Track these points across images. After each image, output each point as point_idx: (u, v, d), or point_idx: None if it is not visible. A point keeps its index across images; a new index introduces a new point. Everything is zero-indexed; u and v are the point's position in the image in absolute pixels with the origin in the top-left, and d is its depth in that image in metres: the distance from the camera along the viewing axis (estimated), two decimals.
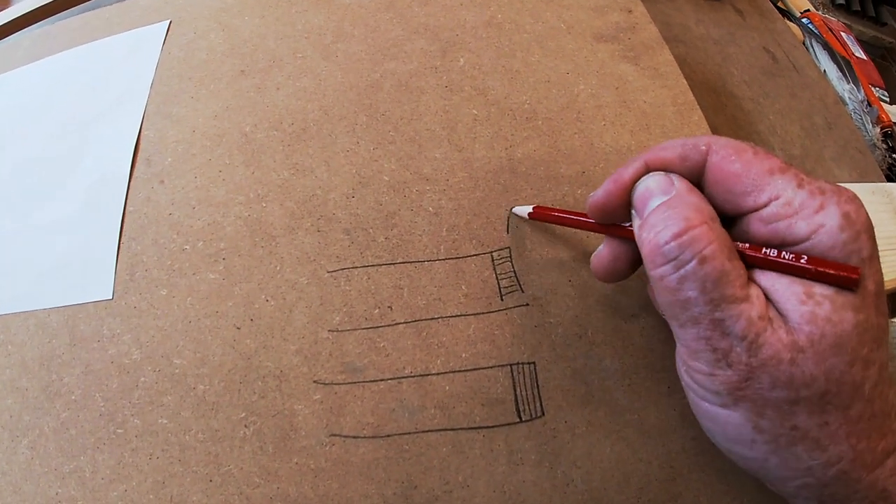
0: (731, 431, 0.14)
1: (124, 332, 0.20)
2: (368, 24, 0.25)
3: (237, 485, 0.18)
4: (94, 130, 0.24)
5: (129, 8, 0.28)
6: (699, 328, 0.13)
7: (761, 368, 0.13)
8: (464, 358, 0.19)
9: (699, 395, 0.15)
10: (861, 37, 0.64)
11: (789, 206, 0.13)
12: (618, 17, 0.26)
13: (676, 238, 0.13)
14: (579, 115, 0.23)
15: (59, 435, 0.19)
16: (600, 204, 0.16)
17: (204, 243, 0.21)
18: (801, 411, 0.13)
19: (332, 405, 0.18)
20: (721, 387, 0.14)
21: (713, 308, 0.13)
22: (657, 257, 0.14)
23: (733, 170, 0.14)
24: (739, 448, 0.14)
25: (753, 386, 0.13)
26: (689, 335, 0.14)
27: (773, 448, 0.14)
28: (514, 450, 0.18)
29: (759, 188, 0.14)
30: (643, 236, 0.14)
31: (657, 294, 0.14)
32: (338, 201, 0.21)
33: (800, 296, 0.13)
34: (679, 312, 0.14)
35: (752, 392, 0.13)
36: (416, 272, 0.20)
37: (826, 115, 0.37)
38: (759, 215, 0.14)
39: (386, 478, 0.18)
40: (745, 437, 0.14)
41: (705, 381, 0.14)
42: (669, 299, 0.14)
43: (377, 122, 0.23)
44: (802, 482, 0.14)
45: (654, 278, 0.14)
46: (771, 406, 0.13)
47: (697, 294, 0.13)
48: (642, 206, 0.15)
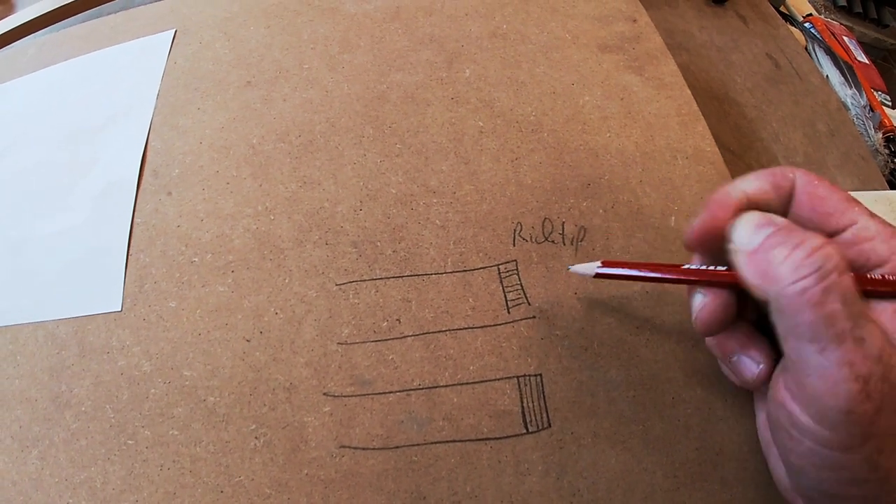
0: (846, 475, 0.14)
1: (134, 343, 0.20)
2: (374, 34, 0.25)
3: (248, 496, 0.18)
4: (101, 140, 0.24)
5: (134, 16, 0.28)
6: (842, 350, 0.13)
7: (892, 394, 0.13)
8: (471, 370, 0.19)
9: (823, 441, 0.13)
10: (863, 39, 0.64)
11: (868, 231, 0.15)
12: (622, 27, 0.26)
13: (817, 251, 0.13)
14: (584, 126, 0.23)
15: (69, 445, 0.19)
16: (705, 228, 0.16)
17: (213, 256, 0.21)
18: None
19: (342, 417, 0.19)
20: (856, 426, 0.13)
21: (855, 324, 0.13)
22: (799, 270, 0.13)
23: (820, 193, 0.15)
24: (848, 489, 0.14)
25: (883, 418, 0.13)
26: (831, 360, 0.13)
27: (883, 484, 0.13)
28: (520, 460, 0.18)
29: (842, 212, 0.15)
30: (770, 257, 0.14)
31: (795, 313, 0.13)
32: (345, 214, 0.21)
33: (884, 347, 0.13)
34: (823, 331, 0.13)
35: (882, 425, 0.13)
36: (423, 285, 0.20)
37: (829, 122, 0.37)
38: (843, 238, 0.15)
39: (395, 489, 0.18)
40: (860, 478, 0.13)
41: (841, 422, 0.13)
42: (813, 315, 0.13)
43: (384, 135, 0.23)
44: None
45: (789, 296, 0.13)
46: (891, 438, 0.13)
47: (841, 307, 0.13)
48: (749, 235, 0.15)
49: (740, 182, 0.16)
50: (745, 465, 0.19)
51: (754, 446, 0.19)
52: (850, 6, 0.65)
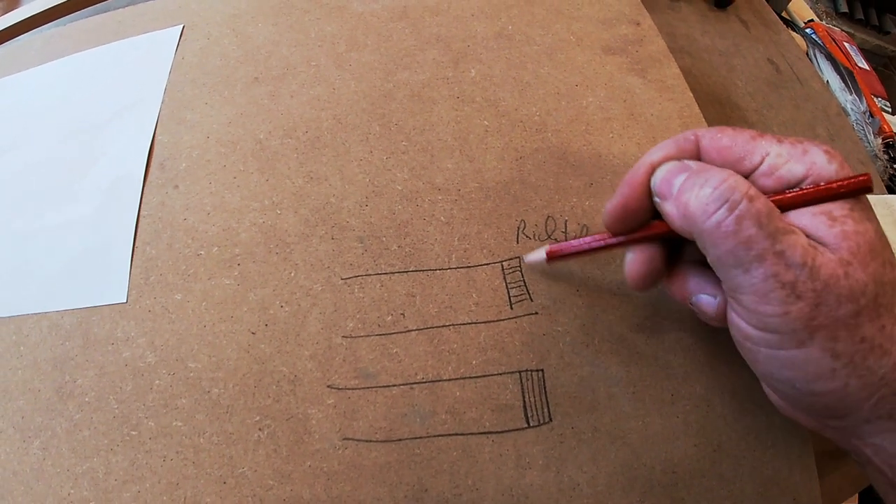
0: (811, 369, 0.15)
1: (139, 335, 0.21)
2: (381, 33, 0.26)
3: (251, 487, 0.19)
4: (108, 133, 0.25)
5: (141, 11, 0.28)
6: (765, 266, 0.14)
7: (825, 290, 0.14)
8: (474, 365, 0.20)
9: (773, 344, 0.15)
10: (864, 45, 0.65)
11: (780, 157, 0.16)
12: (626, 29, 0.27)
13: (722, 184, 0.15)
14: (588, 127, 0.24)
15: (71, 436, 0.20)
16: (619, 209, 0.17)
17: (219, 249, 0.22)
18: (864, 321, 0.14)
19: (346, 409, 0.19)
20: (796, 322, 0.14)
21: (773, 241, 0.14)
22: (709, 206, 0.15)
23: (724, 143, 0.16)
24: (822, 384, 0.15)
25: (823, 311, 0.14)
26: (756, 277, 0.14)
27: (851, 369, 0.15)
28: (522, 454, 0.19)
29: (751, 151, 0.16)
30: (684, 199, 0.15)
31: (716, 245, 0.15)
32: (351, 210, 0.22)
33: (825, 221, 0.15)
34: (744, 255, 0.14)
35: (824, 317, 0.14)
36: (428, 280, 0.21)
37: (828, 127, 0.38)
38: (760, 171, 0.16)
39: (398, 481, 0.18)
40: (826, 370, 0.15)
41: (780, 324, 0.15)
42: (732, 244, 0.14)
43: (390, 132, 0.23)
44: (877, 397, 0.15)
45: (709, 230, 0.15)
46: (842, 325, 0.14)
47: (756, 230, 0.14)
48: (667, 186, 0.16)
49: (646, 156, 0.17)
50: (742, 462, 0.19)
51: (752, 443, 0.20)
52: (852, 12, 0.67)
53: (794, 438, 0.20)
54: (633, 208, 0.17)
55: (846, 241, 0.14)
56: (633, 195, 0.17)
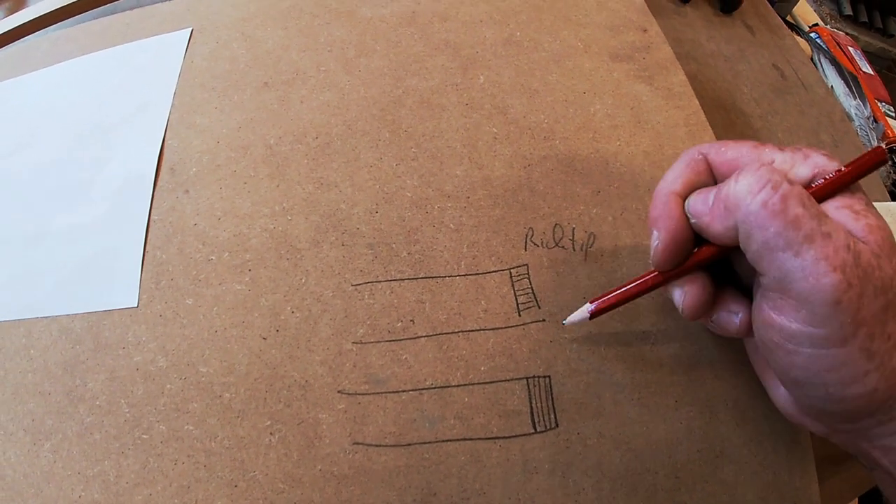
0: (847, 372, 0.15)
1: (150, 339, 0.21)
2: (390, 39, 0.26)
3: (262, 490, 0.19)
4: (118, 136, 0.25)
5: (150, 14, 0.29)
6: (815, 247, 0.14)
7: (865, 278, 0.14)
8: (482, 371, 0.20)
9: (818, 340, 0.15)
10: (868, 48, 0.66)
11: (785, 163, 0.16)
12: (633, 36, 0.28)
13: (760, 169, 0.15)
14: (595, 134, 0.24)
15: (82, 439, 0.20)
16: (669, 248, 0.17)
17: (230, 254, 0.22)
18: (890, 316, 0.14)
19: (356, 414, 0.20)
20: (845, 314, 0.14)
21: (819, 222, 0.14)
22: (753, 186, 0.15)
23: (730, 156, 0.17)
24: (854, 388, 0.15)
25: (865, 302, 0.14)
26: (808, 260, 0.14)
27: (881, 372, 0.14)
28: (528, 459, 0.19)
29: (755, 159, 0.16)
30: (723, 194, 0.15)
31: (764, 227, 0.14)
32: (361, 216, 0.22)
33: (850, 215, 0.15)
34: (793, 235, 0.14)
35: (866, 310, 0.14)
36: (437, 287, 0.21)
37: (833, 133, 0.38)
38: None
39: (406, 485, 0.19)
40: (860, 372, 0.14)
41: (831, 315, 0.14)
42: (780, 224, 0.14)
43: (400, 139, 0.24)
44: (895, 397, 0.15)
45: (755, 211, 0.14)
46: (877, 321, 0.14)
47: (802, 210, 0.14)
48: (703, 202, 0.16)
49: (667, 186, 0.17)
50: (745, 468, 0.20)
51: (755, 448, 0.20)
52: (856, 15, 0.67)
53: (795, 444, 0.20)
54: (683, 240, 0.17)
55: (873, 234, 0.15)
56: (678, 228, 0.17)
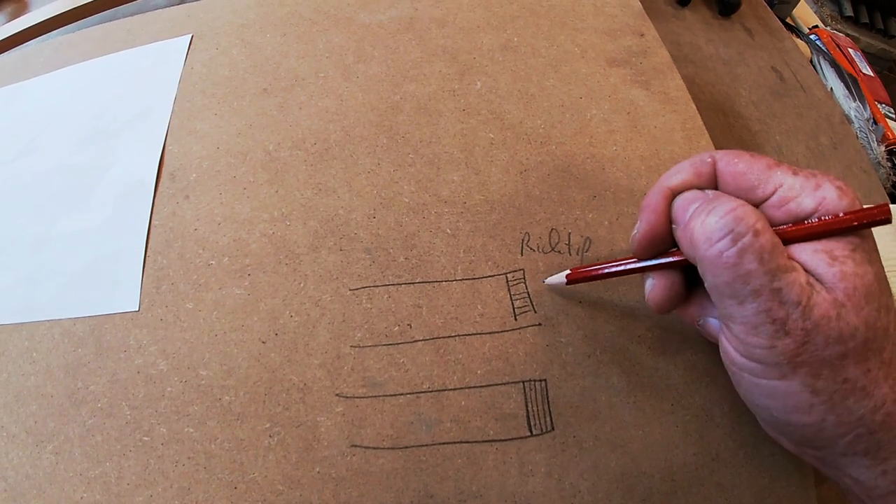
0: (790, 402, 0.16)
1: (151, 343, 0.22)
2: (388, 45, 0.27)
3: (261, 492, 0.19)
4: (119, 142, 0.25)
5: (150, 20, 0.29)
6: (760, 301, 0.15)
7: (815, 330, 0.15)
8: (479, 374, 0.21)
9: (756, 373, 0.16)
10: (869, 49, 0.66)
11: (793, 190, 0.16)
12: (630, 41, 0.28)
13: (729, 213, 0.15)
14: (591, 139, 0.25)
15: (84, 441, 0.21)
16: (646, 238, 0.18)
17: (229, 259, 0.22)
18: (850, 363, 0.15)
19: (354, 417, 0.20)
20: (780, 357, 0.15)
21: (772, 278, 0.14)
22: (714, 234, 0.15)
23: (739, 169, 0.17)
24: (798, 416, 0.16)
25: (809, 349, 0.15)
26: (749, 311, 0.15)
27: (829, 407, 0.15)
28: (525, 462, 0.20)
29: (765, 181, 0.16)
30: (692, 225, 0.16)
31: (715, 275, 0.15)
32: (359, 221, 0.23)
33: (826, 260, 0.15)
34: (740, 288, 0.15)
35: (809, 355, 0.15)
36: (434, 292, 0.22)
37: (832, 135, 0.39)
38: (771, 203, 0.16)
39: (404, 487, 0.19)
40: (804, 404, 0.15)
41: (765, 356, 0.15)
42: (730, 276, 0.15)
43: (397, 144, 0.24)
44: (854, 434, 0.15)
45: (710, 259, 0.15)
46: (826, 365, 0.15)
47: (757, 265, 0.14)
48: (683, 212, 0.17)
49: (665, 180, 0.18)
50: (741, 471, 0.20)
51: (750, 452, 0.21)
52: (857, 17, 0.67)
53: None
54: (660, 235, 0.18)
55: (843, 281, 0.15)
56: (658, 222, 0.17)
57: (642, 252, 0.18)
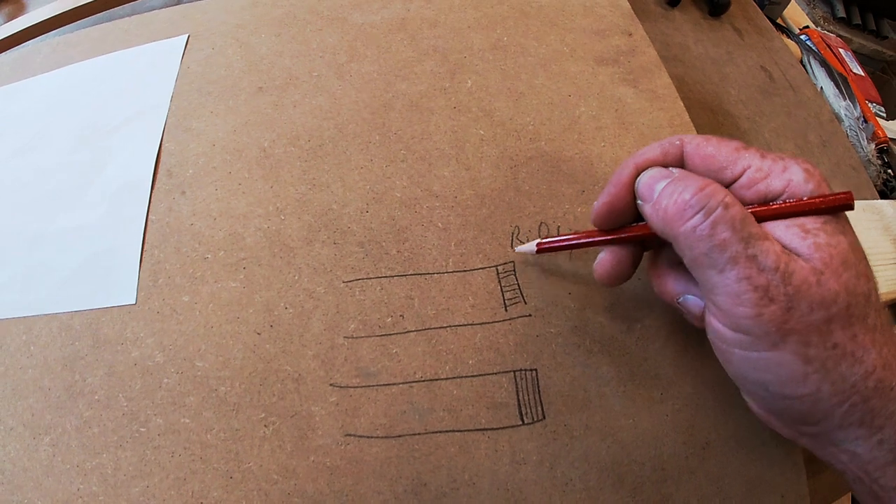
0: (784, 372, 0.16)
1: (147, 335, 0.22)
2: (381, 45, 0.28)
3: (256, 481, 0.20)
4: (117, 140, 0.26)
5: (147, 21, 0.30)
6: (738, 268, 0.15)
7: (797, 295, 0.15)
8: (470, 364, 0.21)
9: (746, 345, 0.16)
10: (861, 50, 0.67)
11: (761, 171, 0.17)
12: (618, 40, 0.29)
13: (700, 191, 0.16)
14: (580, 136, 0.26)
15: (81, 433, 0.21)
16: (605, 208, 0.19)
17: (225, 253, 0.23)
18: (836, 328, 0.15)
19: (347, 407, 0.21)
20: (769, 325, 0.15)
21: (746, 245, 0.15)
22: (686, 211, 0.16)
23: (707, 152, 0.18)
24: (794, 388, 0.16)
25: (795, 315, 0.15)
26: (730, 278, 0.15)
27: (823, 375, 0.15)
28: (516, 450, 0.20)
29: (733, 162, 0.17)
30: (663, 204, 0.17)
31: (691, 248, 0.16)
32: (352, 216, 0.23)
33: (799, 234, 0.16)
34: (718, 256, 0.15)
35: (796, 322, 0.15)
36: (426, 283, 0.22)
37: (820, 133, 0.40)
38: (739, 184, 0.17)
39: (397, 475, 0.20)
40: (798, 374, 0.16)
41: (753, 326, 0.15)
42: (706, 247, 0.15)
43: (389, 141, 0.25)
44: (850, 404, 0.16)
45: (685, 233, 0.16)
46: (813, 331, 0.15)
47: (730, 234, 0.15)
48: (649, 190, 0.17)
49: (632, 158, 0.19)
50: (730, 460, 0.21)
51: (740, 441, 0.21)
52: (849, 17, 0.69)
53: (782, 438, 0.21)
54: (619, 208, 0.19)
55: (819, 251, 0.15)
56: (619, 195, 0.18)
57: (600, 222, 0.19)
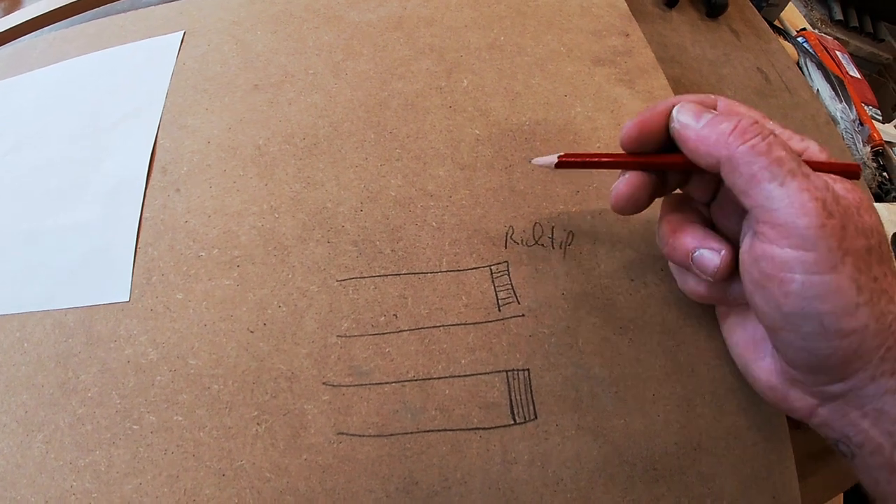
0: (840, 302, 0.16)
1: (140, 333, 0.22)
2: (377, 43, 0.28)
3: (249, 479, 0.20)
4: (112, 136, 0.26)
5: (143, 17, 0.30)
6: (798, 180, 0.16)
7: (846, 216, 0.16)
8: (463, 364, 0.21)
9: (810, 267, 0.16)
10: (858, 53, 0.68)
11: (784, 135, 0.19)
12: (615, 41, 0.29)
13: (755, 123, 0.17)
14: (576, 136, 0.26)
15: (74, 430, 0.21)
16: (635, 129, 0.19)
17: (219, 251, 0.23)
18: (874, 260, 0.16)
19: (340, 405, 0.21)
20: (831, 238, 0.16)
21: (799, 164, 0.16)
22: (746, 132, 0.17)
23: (740, 111, 0.19)
24: (847, 321, 0.16)
25: (849, 235, 0.16)
26: (792, 188, 0.16)
27: (871, 309, 0.16)
28: (508, 450, 0.20)
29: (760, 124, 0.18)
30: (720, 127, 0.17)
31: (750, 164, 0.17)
32: (347, 214, 0.23)
33: (829, 179, 0.17)
34: (777, 170, 0.16)
35: (849, 242, 0.16)
36: (419, 283, 0.22)
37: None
38: None
39: (389, 474, 0.20)
40: (852, 304, 0.16)
41: (818, 238, 0.16)
42: (766, 161, 0.16)
43: (385, 140, 0.25)
44: (885, 348, 0.16)
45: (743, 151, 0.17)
46: (861, 257, 0.16)
47: (786, 153, 0.16)
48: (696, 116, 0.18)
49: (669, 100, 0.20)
50: (722, 460, 0.21)
51: (732, 442, 0.21)
52: (847, 20, 0.69)
53: (774, 438, 0.21)
54: (650, 131, 0.19)
55: (850, 193, 0.17)
56: (652, 119, 0.19)
57: (629, 143, 0.19)
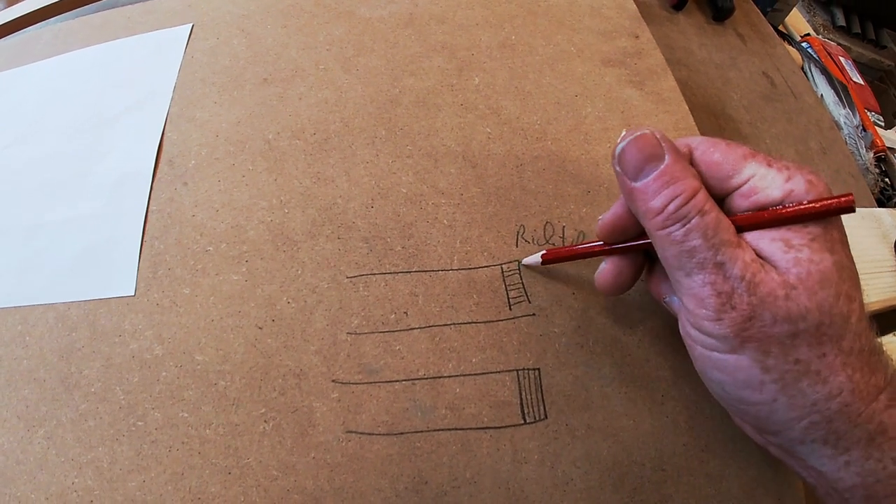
0: (740, 376, 0.16)
1: (146, 327, 0.22)
2: (388, 39, 0.28)
3: (255, 477, 0.20)
4: (118, 128, 0.26)
5: (151, 8, 0.30)
6: (704, 273, 0.16)
7: (761, 306, 0.15)
8: (474, 362, 0.21)
9: (707, 345, 0.17)
10: (860, 59, 0.68)
11: (763, 180, 0.17)
12: (625, 42, 0.29)
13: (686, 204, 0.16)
14: (586, 136, 0.26)
15: (76, 426, 0.21)
16: (608, 225, 0.19)
17: (227, 245, 0.23)
18: (802, 344, 0.15)
19: (349, 403, 0.20)
20: (728, 329, 0.16)
21: (715, 252, 0.16)
22: (668, 219, 0.16)
23: (714, 159, 0.18)
24: (749, 393, 0.16)
25: (756, 324, 0.15)
26: (696, 282, 0.16)
27: (781, 386, 0.16)
28: (518, 449, 0.20)
29: (738, 170, 0.17)
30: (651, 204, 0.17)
31: (664, 249, 0.17)
32: (357, 211, 0.23)
33: (782, 248, 0.16)
34: (686, 261, 0.16)
35: (756, 330, 0.15)
36: (430, 281, 0.22)
37: (821, 140, 0.40)
38: (740, 192, 0.17)
39: (399, 473, 0.20)
40: (755, 380, 0.16)
41: (713, 328, 0.16)
42: (677, 250, 0.16)
43: (396, 136, 0.25)
44: (808, 421, 0.16)
45: (661, 236, 0.17)
46: (775, 342, 0.15)
47: (701, 242, 0.16)
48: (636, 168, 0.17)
49: None
50: (729, 462, 0.21)
51: (739, 444, 0.21)
52: (849, 26, 0.69)
53: None
54: (624, 225, 0.19)
55: (797, 266, 0.16)
56: (623, 215, 0.19)
57: (605, 235, 0.20)
